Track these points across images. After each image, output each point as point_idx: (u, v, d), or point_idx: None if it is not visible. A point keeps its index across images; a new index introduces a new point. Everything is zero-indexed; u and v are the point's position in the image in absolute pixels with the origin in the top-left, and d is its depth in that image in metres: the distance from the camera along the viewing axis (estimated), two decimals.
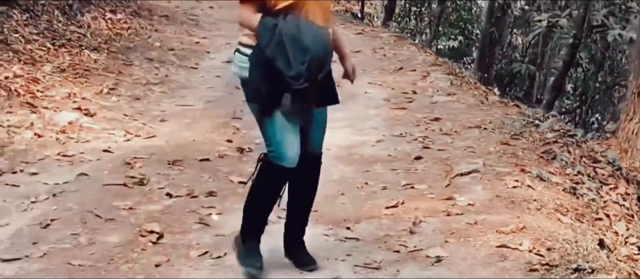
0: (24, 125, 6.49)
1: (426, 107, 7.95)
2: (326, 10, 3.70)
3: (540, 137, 6.47)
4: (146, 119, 7.19)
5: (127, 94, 7.99)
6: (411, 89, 8.82)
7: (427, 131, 6.89)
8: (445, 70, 10.05)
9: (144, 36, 11.07)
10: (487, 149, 6.12)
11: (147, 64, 9.45)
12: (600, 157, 6.26)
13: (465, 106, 7.89)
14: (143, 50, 10.07)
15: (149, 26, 11.98)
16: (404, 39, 13.73)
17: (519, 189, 5.06)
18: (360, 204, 5.01)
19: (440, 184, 5.32)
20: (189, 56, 10.41)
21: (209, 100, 8.11)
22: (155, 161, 5.81)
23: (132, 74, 8.85)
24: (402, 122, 7.31)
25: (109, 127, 6.77)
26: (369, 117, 7.57)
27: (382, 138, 6.70)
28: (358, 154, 6.23)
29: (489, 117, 7.27)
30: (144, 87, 8.42)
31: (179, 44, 11.18)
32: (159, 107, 7.70)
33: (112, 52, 9.46)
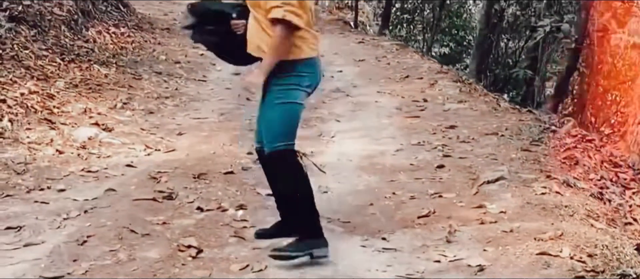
0: (44, 141, 6.49)
1: (439, 115, 8.01)
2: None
3: (560, 142, 6.52)
4: (163, 133, 7.20)
5: (141, 108, 7.99)
6: (421, 97, 8.88)
7: (444, 139, 6.94)
8: (452, 77, 10.12)
9: (149, 50, 11.08)
10: (509, 155, 6.17)
11: (156, 77, 9.46)
12: (620, 162, 6.32)
13: (479, 113, 7.95)
14: (150, 64, 10.09)
15: (152, 39, 12.00)
16: (406, 47, 13.81)
17: (548, 195, 5.11)
18: (391, 214, 5.04)
19: (468, 192, 5.36)
20: (196, 69, 10.44)
21: (222, 112, 8.13)
22: (181, 175, 5.82)
23: (143, 87, 8.85)
24: (417, 130, 7.36)
25: (128, 142, 6.78)
26: (383, 127, 7.61)
27: (400, 147, 6.74)
28: (380, 163, 6.26)
29: (505, 124, 7.33)
30: (157, 100, 8.43)
31: (183, 57, 11.21)
32: (174, 121, 7.71)
33: (121, 66, 9.47)
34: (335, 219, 4.90)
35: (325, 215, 4.96)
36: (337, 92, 9.46)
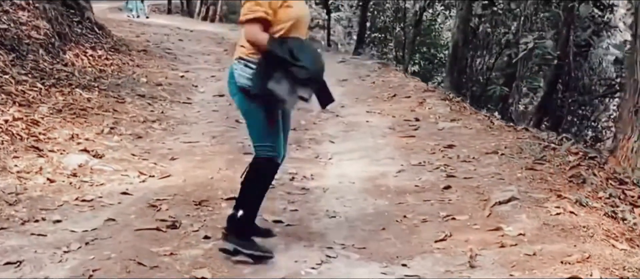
0: (33, 170, 6.23)
1: (434, 134, 7.90)
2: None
3: (563, 160, 6.44)
4: (156, 158, 6.98)
5: (128, 133, 7.76)
6: (412, 116, 8.78)
7: (445, 159, 6.83)
8: (440, 96, 10.04)
9: (128, 72, 10.85)
10: (515, 174, 6.07)
11: (139, 100, 9.24)
12: (625, 179, 6.25)
13: (474, 132, 7.86)
14: (132, 87, 9.86)
15: (130, 61, 11.77)
16: (388, 66, 13.75)
17: (563, 215, 5.00)
18: (406, 238, 4.89)
19: (480, 214, 5.23)
20: (179, 91, 10.23)
21: (213, 136, 7.93)
22: (181, 202, 5.62)
23: (128, 111, 8.62)
24: (415, 150, 7.24)
25: (120, 169, 6.55)
26: (380, 147, 7.48)
27: (402, 168, 6.61)
28: (384, 185, 6.11)
29: (503, 142, 7.24)
30: (143, 124, 8.21)
31: (164, 79, 10.99)
32: (165, 145, 7.49)
33: (103, 90, 9.22)
34: (349, 246, 4.74)
35: (337, 241, 4.81)
36: (326, 112, 9.30)
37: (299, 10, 4.38)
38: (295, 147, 7.51)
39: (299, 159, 7.00)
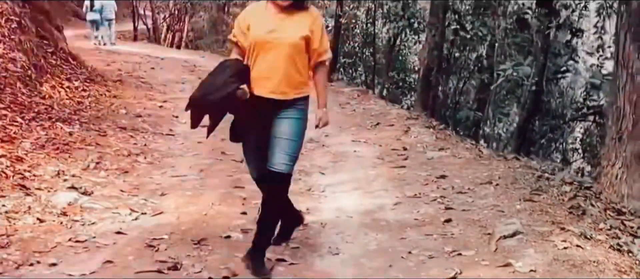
0: (22, 209, 6.04)
1: (424, 164, 7.86)
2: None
3: (559, 191, 6.43)
4: (145, 194, 6.83)
5: (114, 168, 7.59)
6: (399, 145, 8.74)
7: (440, 190, 6.78)
8: (423, 123, 10.03)
9: (106, 104, 10.67)
10: (514, 206, 6.04)
11: (121, 133, 9.07)
12: (622, 209, 6.26)
13: (464, 161, 7.84)
14: (113, 119, 9.69)
15: (106, 92, 11.59)
16: (366, 93, 13.73)
17: (570, 249, 4.98)
18: (415, 275, 4.82)
19: (486, 248, 5.18)
20: (160, 122, 10.08)
21: (201, 168, 7.80)
22: (179, 242, 5.48)
23: (111, 145, 8.45)
24: (408, 181, 7.18)
25: (110, 206, 6.38)
26: (372, 178, 7.41)
27: (398, 200, 6.54)
28: (382, 219, 6.04)
29: (495, 172, 7.22)
30: (128, 158, 8.05)
31: (143, 110, 10.84)
32: (153, 180, 7.34)
33: (84, 123, 9.04)
34: None
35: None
36: (311, 142, 9.23)
37: (257, 33, 4.65)
38: None
39: (291, 192, 6.86)
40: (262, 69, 4.68)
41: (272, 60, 4.65)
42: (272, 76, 4.66)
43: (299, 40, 4.66)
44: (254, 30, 4.70)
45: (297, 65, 4.69)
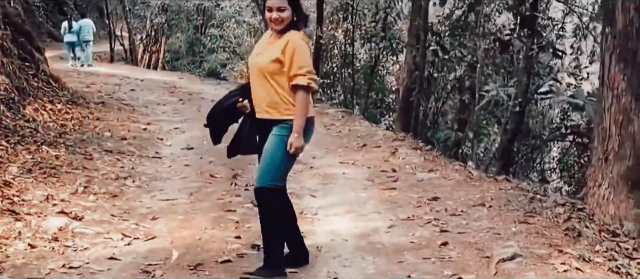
0: (12, 235, 5.94)
1: (415, 185, 7.86)
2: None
3: (553, 212, 6.45)
4: (136, 218, 6.75)
5: (103, 192, 7.51)
6: (388, 167, 8.74)
7: (433, 212, 6.78)
8: (411, 145, 10.04)
9: (90, 126, 10.58)
10: (510, 229, 6.05)
11: (108, 156, 8.98)
12: (617, 230, 6.29)
13: (454, 182, 7.85)
14: (98, 142, 9.59)
15: (89, 115, 11.50)
16: (351, 114, 13.74)
17: (570, 272, 4.99)
18: None
19: (486, 271, 5.17)
20: (145, 145, 10.00)
21: (191, 192, 7.73)
22: (175, 267, 5.42)
23: (98, 168, 8.36)
24: (400, 204, 7.17)
25: (102, 231, 6.30)
26: (363, 200, 7.39)
27: (392, 223, 6.52)
28: (378, 242, 6.01)
29: (487, 194, 7.24)
30: (116, 182, 7.96)
31: (127, 132, 10.76)
32: (143, 204, 7.26)
33: (69, 146, 8.94)
34: None
35: None
36: (298, 164, 9.17)
37: (250, 56, 5.15)
38: None
39: None
40: (252, 90, 5.03)
41: (254, 82, 5.01)
42: (255, 96, 5.01)
43: (269, 63, 4.86)
44: (251, 54, 5.18)
45: (275, 87, 4.86)
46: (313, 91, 4.88)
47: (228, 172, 8.56)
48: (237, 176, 8.40)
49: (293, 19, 4.93)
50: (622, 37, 8.57)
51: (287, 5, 4.87)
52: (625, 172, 8.50)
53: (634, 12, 8.48)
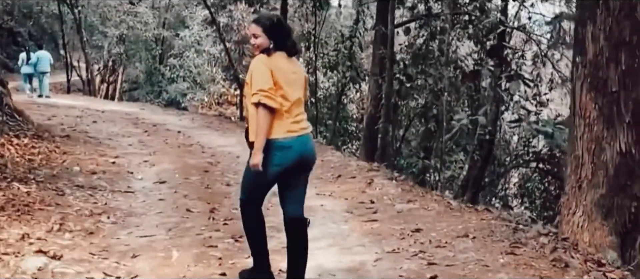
0: None
1: (395, 217, 7.83)
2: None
3: (538, 243, 6.47)
4: (116, 257, 6.58)
5: (78, 229, 7.32)
6: (366, 198, 8.70)
7: (417, 244, 6.74)
8: (386, 175, 10.03)
9: (58, 161, 10.35)
10: (497, 260, 6.04)
11: (79, 192, 8.78)
12: (602, 260, 6.33)
13: (434, 213, 7.84)
14: (68, 177, 9.39)
15: (56, 149, 11.26)
16: (320, 144, 13.69)
17: None
18: None
19: None
20: (116, 179, 9.80)
21: (169, 228, 7.57)
22: None
23: (71, 204, 8.17)
24: (383, 236, 7.13)
25: (82, 270, 6.12)
26: (345, 233, 7.33)
27: (378, 256, 6.47)
28: (367, 277, 5.95)
29: (469, 225, 7.24)
30: (91, 218, 7.77)
31: (96, 166, 10.55)
32: (120, 241, 7.09)
33: (40, 182, 8.73)
34: None
35: None
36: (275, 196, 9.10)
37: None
38: None
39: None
40: None
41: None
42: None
43: (246, 86, 5.27)
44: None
45: (250, 110, 5.15)
46: (270, 108, 4.95)
47: (204, 207, 8.44)
48: (214, 210, 8.28)
49: (270, 45, 5.17)
50: (593, 66, 8.72)
51: (261, 33, 5.18)
52: (599, 200, 8.62)
53: (604, 41, 8.64)
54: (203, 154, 12.54)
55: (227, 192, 9.42)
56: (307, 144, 5.23)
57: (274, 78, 5.03)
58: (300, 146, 5.15)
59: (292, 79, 5.16)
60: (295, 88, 5.17)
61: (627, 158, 8.57)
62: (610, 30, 8.58)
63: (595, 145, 8.70)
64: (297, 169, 5.27)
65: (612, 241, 8.48)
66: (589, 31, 8.77)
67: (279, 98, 5.02)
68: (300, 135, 5.15)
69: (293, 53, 5.31)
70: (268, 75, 5.00)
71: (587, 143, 8.81)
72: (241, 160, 12.10)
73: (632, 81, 8.57)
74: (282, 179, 5.29)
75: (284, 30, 5.28)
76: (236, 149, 13.25)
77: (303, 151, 5.19)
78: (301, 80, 5.28)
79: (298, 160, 5.18)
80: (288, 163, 5.13)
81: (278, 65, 5.11)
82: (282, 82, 5.07)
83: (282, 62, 5.16)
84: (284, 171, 5.17)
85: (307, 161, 5.32)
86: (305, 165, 5.34)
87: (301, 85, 5.26)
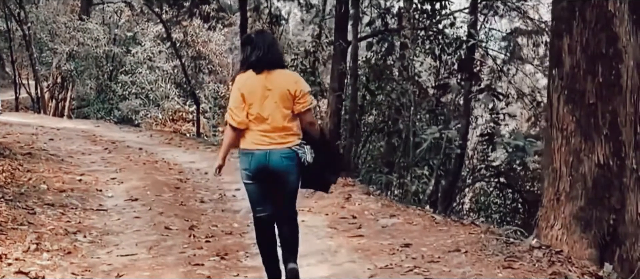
0: None
1: (381, 232, 7.73)
2: None
3: (533, 257, 6.42)
4: (100, 276, 6.34)
5: (56, 249, 7.03)
6: (347, 213, 8.59)
7: (409, 260, 6.65)
8: (362, 190, 9.93)
9: (24, 179, 10.00)
10: (495, 274, 5.98)
11: (51, 210, 8.48)
12: (599, 273, 6.31)
13: (421, 228, 7.76)
14: (37, 195, 9.06)
15: (19, 167, 10.89)
16: None
17: None
18: None
19: None
20: (86, 197, 9.50)
21: (149, 246, 7.33)
22: None
23: (44, 223, 7.86)
24: (373, 251, 7.02)
25: None
26: (333, 249, 7.20)
27: (371, 272, 6.36)
28: None
29: (458, 239, 7.17)
30: (67, 238, 7.49)
31: (62, 184, 10.22)
32: (101, 260, 6.84)
33: (9, 201, 8.39)
34: None
35: None
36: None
37: None
38: (244, 254, 7.10)
39: (255, 268, 6.58)
40: None
41: None
42: None
43: None
44: None
45: None
46: (231, 125, 5.53)
47: (183, 224, 8.22)
48: (193, 227, 8.07)
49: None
50: (570, 79, 8.73)
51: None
52: (578, 213, 8.61)
53: (580, 53, 8.66)
54: (170, 170, 12.27)
55: (203, 209, 9.20)
56: (272, 155, 5.43)
57: (243, 97, 5.43)
58: (262, 157, 5.43)
59: (260, 96, 5.41)
60: (266, 104, 5.41)
61: (605, 170, 8.58)
62: (586, 42, 8.59)
63: (573, 157, 8.70)
64: (268, 179, 5.52)
65: (592, 254, 8.48)
66: (566, 43, 8.79)
67: (242, 115, 5.43)
68: (269, 148, 5.42)
69: (258, 69, 5.46)
70: (235, 95, 5.48)
71: (565, 155, 8.81)
72: (210, 176, 11.89)
73: (609, 93, 8.59)
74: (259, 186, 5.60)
75: (247, 49, 5.56)
76: (202, 165, 13.02)
77: (265, 162, 5.44)
78: (276, 95, 5.41)
79: (262, 168, 5.47)
80: (252, 168, 5.49)
81: (245, 84, 5.46)
82: (249, 100, 5.41)
83: (251, 80, 5.46)
84: (253, 176, 5.53)
85: (273, 171, 5.48)
86: (274, 175, 5.50)
87: (278, 99, 5.42)
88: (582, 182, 8.60)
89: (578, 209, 8.57)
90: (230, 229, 8.09)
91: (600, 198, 8.53)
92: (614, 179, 8.58)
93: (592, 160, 8.58)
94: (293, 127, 5.50)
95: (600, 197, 8.53)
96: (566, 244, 8.63)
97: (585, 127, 8.58)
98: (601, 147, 8.56)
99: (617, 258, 8.67)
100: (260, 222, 5.72)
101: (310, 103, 5.55)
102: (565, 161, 8.78)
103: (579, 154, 8.64)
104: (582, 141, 8.62)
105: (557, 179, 8.84)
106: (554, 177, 9.00)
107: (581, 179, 8.60)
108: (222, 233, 7.85)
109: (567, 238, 8.63)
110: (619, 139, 8.58)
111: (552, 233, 8.84)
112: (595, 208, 8.52)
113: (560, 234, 8.71)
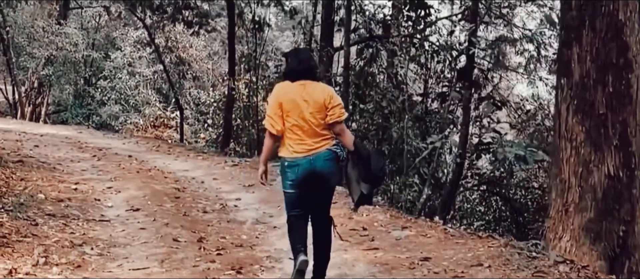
0: None
1: (396, 244, 7.59)
2: None
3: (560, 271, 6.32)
4: None
5: (64, 262, 6.80)
6: (357, 225, 8.44)
7: (431, 274, 6.52)
8: None
9: (19, 188, 9.72)
10: None
11: (53, 221, 8.22)
12: None
13: (436, 241, 7.63)
14: (37, 206, 8.79)
15: (13, 176, 10.60)
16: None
17: None
18: None
19: None
20: (85, 207, 9.25)
21: (160, 259, 7.12)
22: None
23: (48, 235, 7.62)
24: (392, 265, 6.87)
25: None
26: (350, 262, 7.05)
27: None
28: None
29: (478, 253, 7.05)
30: (74, 250, 7.26)
31: (59, 193, 9.96)
32: (113, 274, 6.63)
33: (10, 211, 8.12)
34: None
35: None
36: (259, 223, 8.81)
37: None
38: (259, 268, 6.93)
39: None
40: None
41: None
42: None
43: None
44: None
45: None
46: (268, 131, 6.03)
47: (191, 236, 8.01)
48: (202, 240, 7.87)
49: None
50: (580, 89, 8.66)
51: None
52: (587, 224, 8.54)
53: (590, 63, 8.60)
54: (166, 179, 12.03)
55: (208, 220, 9.01)
56: (316, 160, 5.84)
57: (281, 106, 5.88)
58: (307, 164, 5.84)
59: (295, 105, 5.84)
60: (301, 113, 5.83)
61: (615, 181, 8.53)
62: (596, 52, 8.54)
63: (582, 168, 8.63)
64: (310, 184, 5.90)
65: (602, 266, 8.41)
66: (575, 53, 8.72)
67: (280, 122, 5.88)
68: (307, 155, 5.83)
69: (293, 80, 5.96)
70: (273, 104, 5.94)
71: (574, 166, 8.74)
72: (206, 185, 11.71)
73: (619, 103, 8.54)
74: (301, 193, 5.98)
75: (287, 63, 6.17)
76: (197, 174, 12.82)
77: (311, 167, 5.85)
78: (311, 105, 5.85)
79: (308, 175, 5.86)
80: (299, 177, 5.90)
81: (283, 94, 5.93)
82: (286, 108, 5.86)
83: (288, 89, 5.93)
84: (299, 184, 5.94)
85: (319, 175, 5.89)
86: (320, 179, 5.91)
87: (313, 109, 5.84)
88: (592, 193, 8.53)
89: (587, 221, 8.50)
90: (239, 241, 7.90)
91: (610, 210, 8.47)
92: (623, 191, 8.53)
93: (602, 171, 8.52)
94: (327, 134, 5.90)
95: (610, 209, 8.47)
96: (575, 256, 8.55)
97: (595, 138, 8.51)
98: (611, 158, 8.50)
99: (627, 270, 8.62)
100: (296, 217, 6.10)
101: (339, 115, 5.87)
102: (574, 172, 8.70)
103: (588, 165, 8.57)
104: (592, 152, 8.56)
105: (566, 190, 8.76)
106: (562, 189, 8.93)
107: (591, 191, 8.53)
108: (232, 245, 7.66)
109: (576, 250, 8.55)
110: (629, 150, 8.53)
111: (560, 245, 8.76)
112: (605, 220, 8.47)
113: (569, 246, 8.63)
